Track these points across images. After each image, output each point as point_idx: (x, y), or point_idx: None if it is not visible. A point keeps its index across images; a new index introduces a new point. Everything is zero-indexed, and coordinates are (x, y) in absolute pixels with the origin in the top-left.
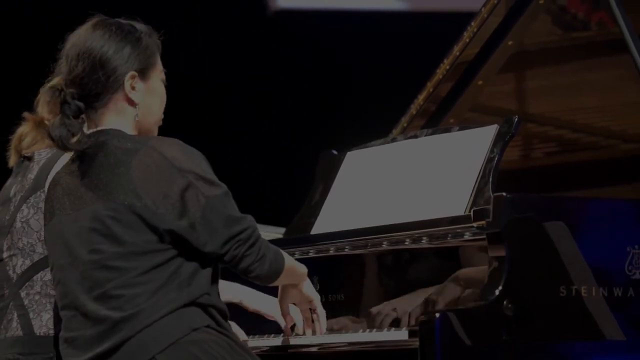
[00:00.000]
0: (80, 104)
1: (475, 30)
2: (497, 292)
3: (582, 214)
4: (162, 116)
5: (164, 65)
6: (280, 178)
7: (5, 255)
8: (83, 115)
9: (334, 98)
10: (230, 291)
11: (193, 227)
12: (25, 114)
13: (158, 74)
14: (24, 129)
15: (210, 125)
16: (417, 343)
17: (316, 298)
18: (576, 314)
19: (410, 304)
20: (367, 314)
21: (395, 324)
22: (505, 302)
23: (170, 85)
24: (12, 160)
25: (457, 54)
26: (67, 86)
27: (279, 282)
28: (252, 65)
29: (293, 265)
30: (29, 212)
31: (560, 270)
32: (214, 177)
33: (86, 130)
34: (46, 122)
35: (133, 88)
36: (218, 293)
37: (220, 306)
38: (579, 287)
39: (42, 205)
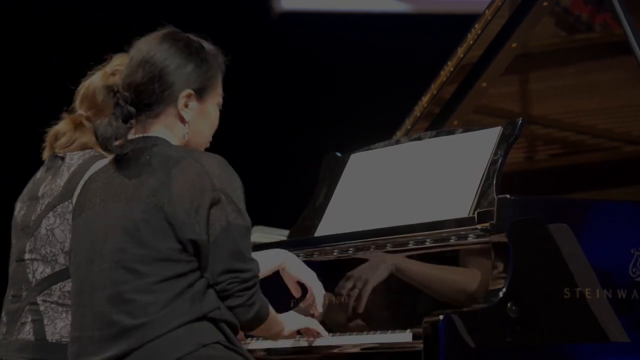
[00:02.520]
0: (132, 110)
1: (479, 32)
2: (501, 294)
3: (585, 215)
4: (210, 139)
5: None
6: (284, 180)
7: (27, 257)
8: (132, 121)
9: (337, 100)
10: (274, 257)
11: (206, 245)
12: (64, 114)
13: (215, 98)
14: (60, 127)
15: None
16: (421, 345)
17: (310, 324)
18: (580, 316)
19: (414, 306)
20: (371, 315)
21: (399, 326)
22: (509, 304)
23: None
24: (46, 154)
25: (461, 55)
26: (123, 89)
27: (255, 332)
28: (256, 67)
29: (274, 318)
30: (55, 221)
31: (564, 272)
32: (243, 208)
33: (132, 135)
34: (85, 123)
35: (186, 106)
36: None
37: (231, 320)
38: (583, 289)
39: (68, 216)
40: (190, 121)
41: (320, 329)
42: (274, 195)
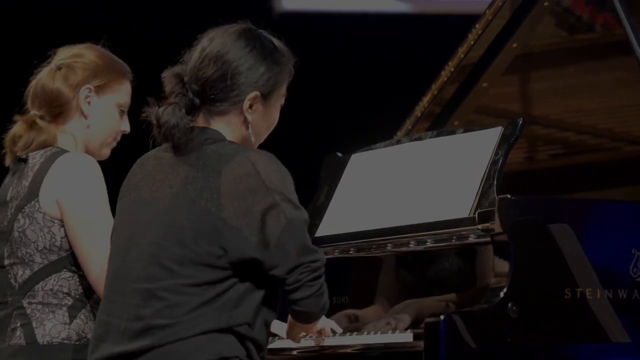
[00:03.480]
0: (197, 101)
1: (479, 32)
2: (501, 295)
3: (586, 216)
4: (263, 140)
5: (165, 65)
6: None
7: (6, 262)
8: (194, 114)
9: (338, 100)
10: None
11: (267, 246)
12: (16, 116)
13: (279, 100)
14: (16, 130)
15: None
16: (422, 345)
17: (328, 326)
18: (581, 317)
19: (414, 306)
20: (372, 316)
21: (400, 326)
22: (510, 305)
23: None
24: (8, 160)
25: (462, 56)
26: (191, 81)
27: (309, 325)
28: None
29: None
30: (25, 222)
31: (565, 273)
32: (297, 201)
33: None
34: (39, 122)
35: (251, 107)
36: (265, 324)
37: (258, 340)
38: (584, 290)
39: (36, 215)
40: (252, 122)
41: (335, 326)
42: None
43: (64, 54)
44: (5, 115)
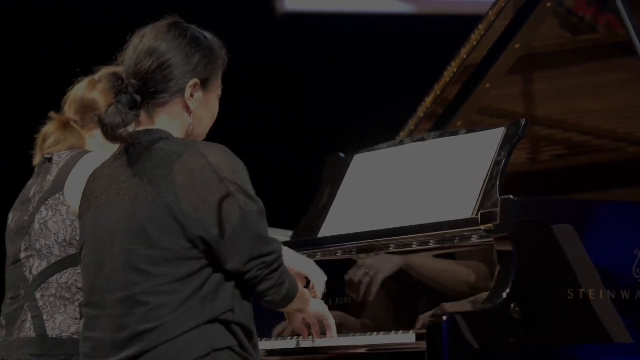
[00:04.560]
0: (138, 97)
1: (482, 33)
2: (504, 295)
3: (589, 216)
4: (207, 130)
5: None
6: (287, 181)
7: (22, 256)
8: (137, 110)
9: (341, 101)
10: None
11: (223, 237)
12: (52, 114)
13: (216, 89)
14: (48, 128)
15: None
16: (425, 346)
17: (325, 312)
18: (583, 317)
19: (417, 306)
20: (374, 316)
21: (403, 326)
22: (512, 305)
23: None
24: (36, 160)
25: (465, 56)
26: (129, 77)
27: (289, 309)
28: (260, 67)
29: (301, 291)
30: (48, 213)
31: (568, 273)
32: (253, 192)
33: (136, 127)
34: (73, 124)
35: (192, 96)
36: (248, 308)
37: (245, 323)
38: (587, 290)
39: (60, 207)
40: (195, 111)
41: (333, 328)
42: (277, 195)
43: (105, 71)
44: (5, 113)
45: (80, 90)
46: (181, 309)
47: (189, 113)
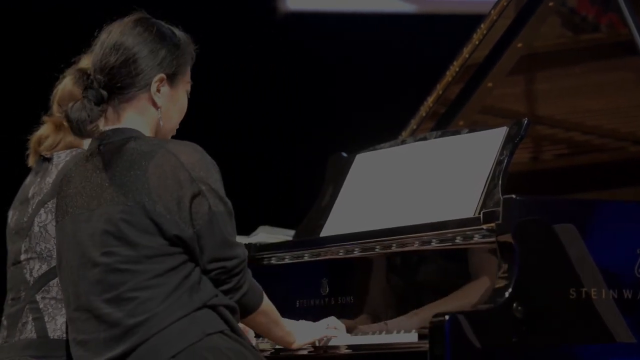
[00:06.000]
0: (104, 93)
1: (484, 32)
2: (506, 295)
3: (591, 216)
4: (177, 126)
5: None
6: (289, 180)
7: (22, 257)
8: (104, 105)
9: (343, 100)
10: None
11: (192, 237)
12: (44, 118)
13: (184, 85)
14: (43, 131)
15: (220, 127)
16: (427, 345)
17: (319, 336)
18: (586, 317)
19: (419, 306)
20: (376, 316)
21: (405, 326)
22: (515, 305)
23: None
24: (31, 160)
25: (467, 56)
26: (95, 72)
27: (254, 322)
28: (262, 67)
29: (274, 317)
30: (47, 217)
31: (570, 273)
32: (223, 193)
33: (105, 126)
34: (64, 123)
35: (158, 90)
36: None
37: (229, 303)
38: (589, 290)
39: None
40: (162, 106)
41: (334, 333)
42: (279, 195)
43: (88, 61)
44: (5, 113)
45: (68, 84)
46: (169, 299)
47: (156, 108)
